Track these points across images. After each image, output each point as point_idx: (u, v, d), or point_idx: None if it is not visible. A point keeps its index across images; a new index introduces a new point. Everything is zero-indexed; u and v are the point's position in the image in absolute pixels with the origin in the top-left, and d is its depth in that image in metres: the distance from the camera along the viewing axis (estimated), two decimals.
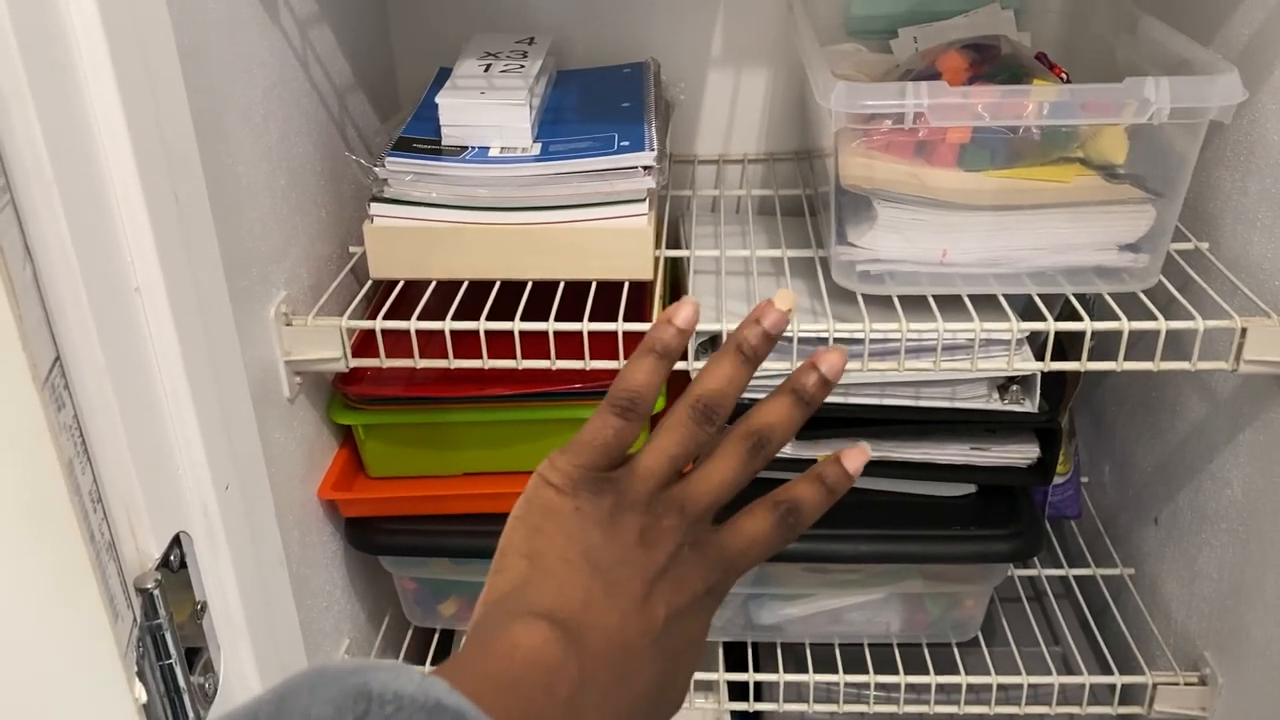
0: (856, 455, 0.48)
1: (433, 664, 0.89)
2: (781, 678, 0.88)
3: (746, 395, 0.48)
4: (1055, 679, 0.85)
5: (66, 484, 0.34)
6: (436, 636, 0.95)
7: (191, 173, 0.51)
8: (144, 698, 0.42)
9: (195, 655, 0.51)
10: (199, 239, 0.52)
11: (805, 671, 0.88)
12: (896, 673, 0.87)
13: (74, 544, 0.35)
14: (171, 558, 0.46)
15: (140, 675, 0.42)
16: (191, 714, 0.45)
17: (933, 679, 0.86)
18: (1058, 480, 0.98)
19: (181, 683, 0.45)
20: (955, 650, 0.90)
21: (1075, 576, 0.99)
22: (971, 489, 0.86)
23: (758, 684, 0.90)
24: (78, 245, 0.38)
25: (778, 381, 0.77)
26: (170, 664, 0.44)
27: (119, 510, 0.41)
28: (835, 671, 0.88)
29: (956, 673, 0.87)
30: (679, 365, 0.76)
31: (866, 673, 0.88)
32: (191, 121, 0.51)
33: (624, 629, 0.40)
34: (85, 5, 0.40)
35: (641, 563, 0.42)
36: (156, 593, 0.43)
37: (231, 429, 0.54)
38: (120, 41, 0.42)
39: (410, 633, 0.94)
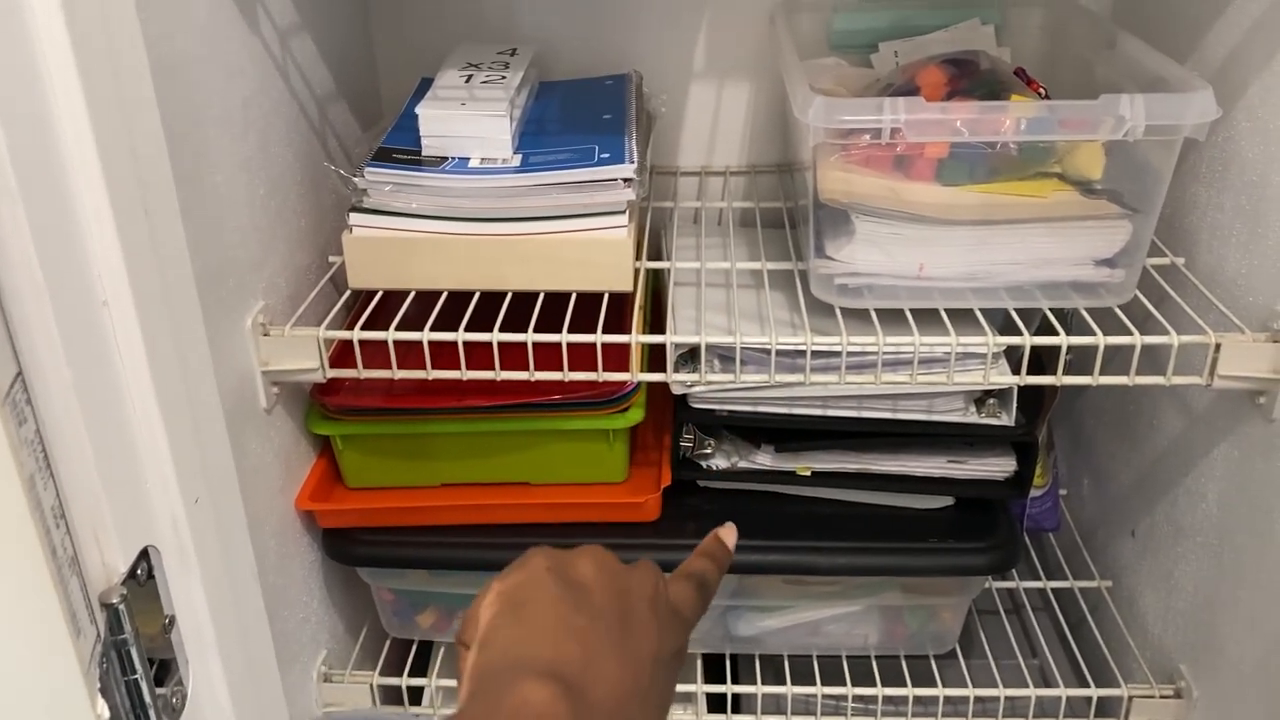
0: (728, 533, 0.58)
1: (410, 675, 0.89)
2: (759, 690, 0.88)
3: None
4: (1032, 691, 0.86)
5: (27, 499, 0.34)
6: (414, 647, 0.94)
7: (163, 185, 0.51)
8: (106, 714, 0.42)
9: (166, 667, 0.51)
10: (170, 252, 0.52)
11: (783, 684, 0.88)
12: (874, 685, 0.87)
13: (35, 560, 0.35)
14: (139, 571, 0.45)
15: (105, 691, 0.42)
16: None
17: (910, 691, 0.86)
18: (1036, 493, 0.98)
19: (147, 698, 0.45)
20: (933, 663, 0.91)
21: (1053, 589, 0.99)
22: (949, 502, 0.86)
23: (735, 696, 0.90)
24: (43, 260, 0.38)
25: (761, 392, 0.79)
26: (135, 679, 0.44)
27: (84, 525, 0.41)
28: (813, 684, 0.88)
29: (934, 685, 0.87)
30: (658, 377, 0.76)
31: (844, 685, 0.88)
32: (164, 133, 0.51)
33: (622, 679, 0.41)
34: (52, 16, 0.40)
35: (628, 610, 0.44)
36: (122, 608, 0.43)
37: (202, 442, 0.53)
38: (88, 53, 0.42)
39: (388, 644, 0.94)
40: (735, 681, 0.90)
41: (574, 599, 0.43)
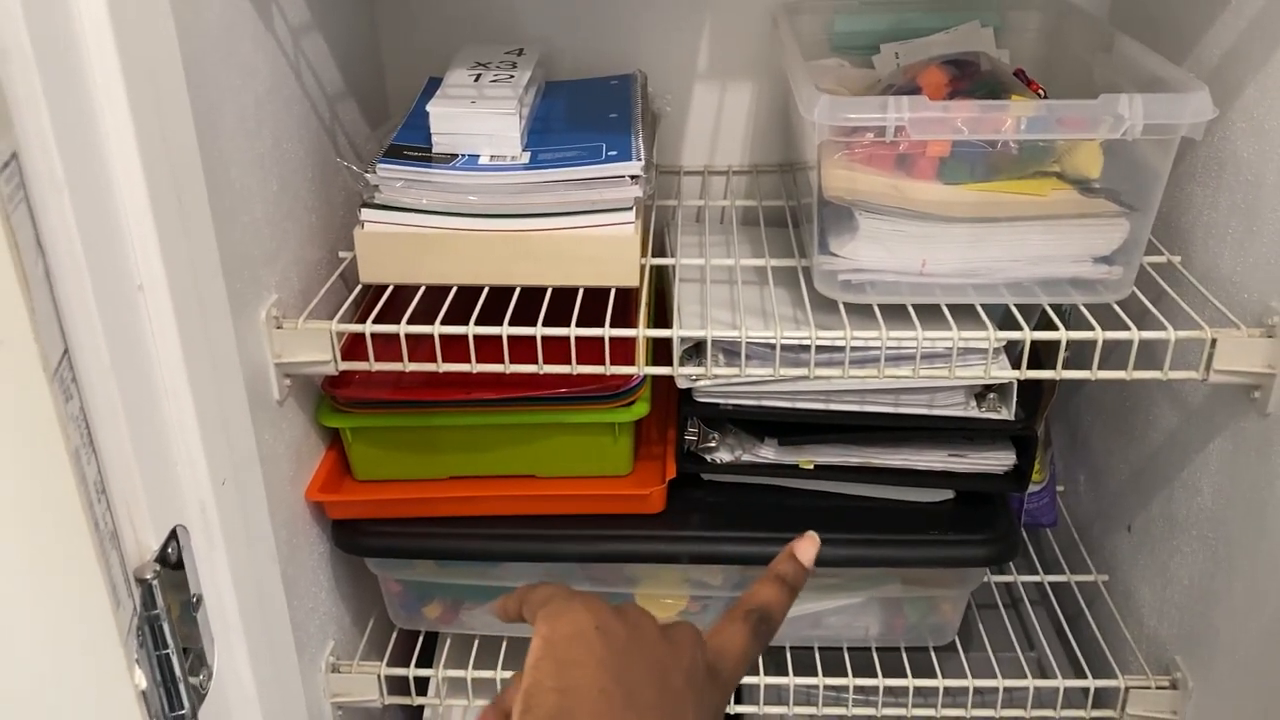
0: (807, 546, 0.52)
1: (416, 665, 0.90)
2: (762, 680, 0.89)
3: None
4: (1030, 682, 0.87)
5: (74, 473, 0.35)
6: (421, 638, 0.95)
7: (193, 175, 0.52)
8: (144, 684, 0.43)
9: (185, 654, 0.52)
10: (199, 240, 0.53)
11: (785, 674, 0.89)
12: (875, 676, 0.88)
13: (79, 532, 0.36)
14: (169, 550, 0.47)
15: (138, 664, 0.43)
16: (187, 704, 0.46)
17: (910, 682, 0.87)
18: (1034, 488, 1.00)
19: (178, 672, 0.46)
20: (933, 654, 0.92)
21: (1050, 583, 1.01)
22: (949, 495, 0.87)
23: (738, 686, 0.91)
24: (85, 243, 0.39)
25: (765, 387, 0.80)
26: (167, 654, 0.45)
27: (120, 502, 0.42)
28: (815, 674, 0.89)
29: (934, 676, 0.88)
30: (664, 370, 0.78)
31: (845, 676, 0.89)
32: (194, 127, 0.52)
33: None
34: (98, 17, 0.41)
35: (667, 686, 0.43)
36: (155, 584, 0.44)
37: (229, 425, 0.55)
38: (129, 50, 0.43)
39: (395, 635, 0.95)
40: None
41: (616, 667, 0.42)
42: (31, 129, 0.36)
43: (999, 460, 0.85)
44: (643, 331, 0.75)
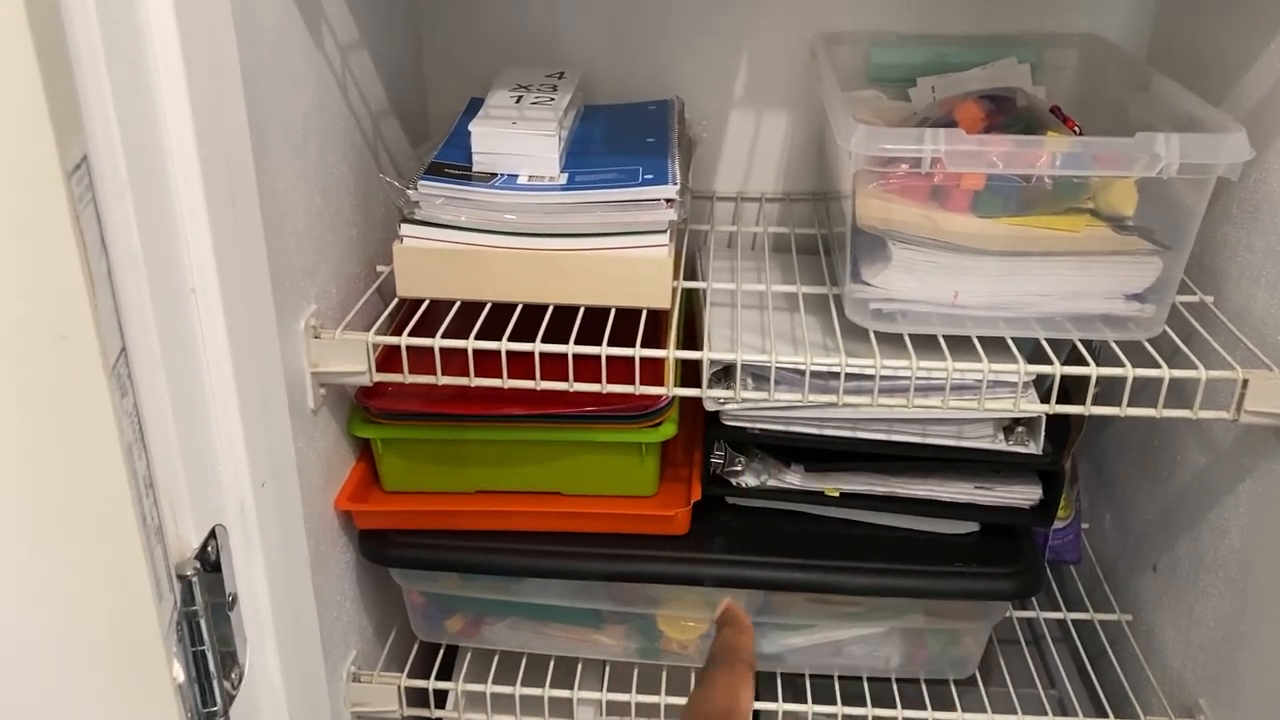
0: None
1: (436, 678, 0.90)
2: (781, 707, 0.89)
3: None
4: None
5: (126, 467, 0.36)
6: (441, 651, 0.96)
7: (247, 181, 0.54)
8: (181, 678, 0.44)
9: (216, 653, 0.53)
10: (250, 247, 0.54)
11: (804, 702, 0.89)
12: (894, 707, 0.88)
13: (128, 526, 0.37)
14: (209, 549, 0.47)
15: (175, 658, 0.44)
16: (219, 701, 0.47)
17: (930, 715, 0.87)
18: (1059, 525, 0.99)
19: (212, 668, 0.47)
20: (953, 687, 0.91)
21: (1073, 621, 1.00)
22: (974, 527, 0.87)
23: (756, 712, 0.91)
24: (144, 244, 0.41)
25: (793, 412, 0.80)
26: (203, 650, 0.46)
27: (165, 498, 0.43)
28: (834, 703, 0.89)
29: (953, 709, 0.87)
30: (694, 392, 0.78)
31: (865, 706, 0.88)
32: (249, 136, 0.53)
33: None
34: (166, 28, 0.43)
35: None
36: (195, 580, 0.45)
37: (271, 429, 0.56)
38: (192, 53, 0.45)
39: (416, 647, 0.95)
40: (757, 698, 0.91)
41: None
42: (99, 129, 0.38)
43: (1025, 494, 0.84)
44: (673, 353, 0.76)
